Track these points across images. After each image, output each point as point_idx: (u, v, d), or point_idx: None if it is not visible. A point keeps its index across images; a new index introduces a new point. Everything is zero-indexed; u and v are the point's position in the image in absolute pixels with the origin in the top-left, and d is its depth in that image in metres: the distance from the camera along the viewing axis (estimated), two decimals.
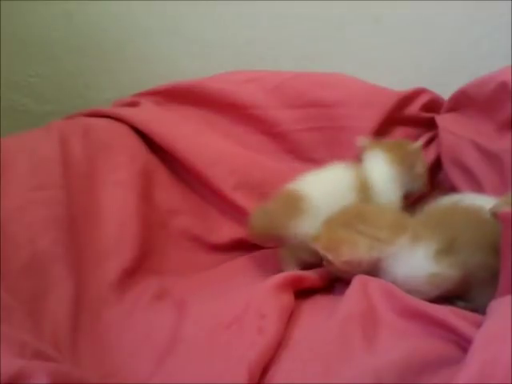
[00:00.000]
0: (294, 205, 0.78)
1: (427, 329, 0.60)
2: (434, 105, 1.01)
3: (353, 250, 0.71)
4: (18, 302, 0.64)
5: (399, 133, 0.99)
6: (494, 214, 0.63)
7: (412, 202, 0.95)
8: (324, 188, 0.81)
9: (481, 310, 0.60)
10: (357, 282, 0.69)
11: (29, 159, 0.81)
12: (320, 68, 1.08)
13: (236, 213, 0.92)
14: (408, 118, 1.00)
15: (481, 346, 0.48)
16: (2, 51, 1.22)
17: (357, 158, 0.90)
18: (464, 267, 0.68)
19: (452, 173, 0.92)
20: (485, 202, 0.71)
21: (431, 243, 0.69)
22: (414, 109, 1.00)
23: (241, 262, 0.87)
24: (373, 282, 0.69)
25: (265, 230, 0.81)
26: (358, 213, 0.75)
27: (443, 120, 0.97)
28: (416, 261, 0.70)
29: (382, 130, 0.98)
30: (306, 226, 0.77)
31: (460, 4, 1.09)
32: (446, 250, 0.69)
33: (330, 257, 0.71)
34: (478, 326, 0.53)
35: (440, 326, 0.59)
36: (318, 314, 0.68)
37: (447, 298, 0.70)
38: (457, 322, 0.58)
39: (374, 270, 0.72)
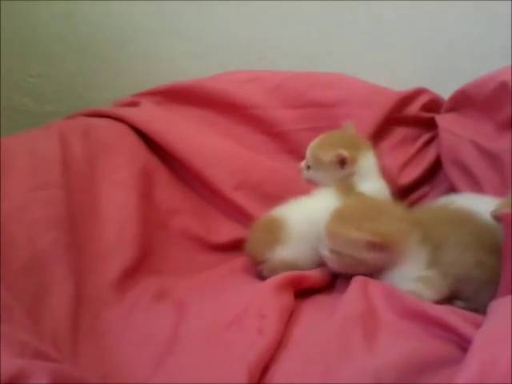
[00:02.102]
0: (274, 233, 0.79)
1: (427, 329, 0.59)
2: (433, 105, 1.01)
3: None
4: (18, 302, 0.64)
5: (399, 133, 1.00)
6: (495, 216, 0.64)
7: (411, 202, 0.95)
8: (306, 216, 0.80)
9: (481, 310, 0.60)
10: (357, 282, 0.69)
11: (29, 159, 0.81)
12: (320, 68, 1.08)
13: (236, 213, 0.92)
14: (408, 118, 1.00)
15: (481, 346, 0.48)
16: (2, 51, 1.22)
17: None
18: (452, 269, 0.68)
19: (452, 173, 0.92)
20: (483, 203, 0.71)
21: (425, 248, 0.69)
22: (414, 109, 1.00)
23: (241, 262, 0.87)
24: (373, 283, 0.69)
25: (250, 255, 0.83)
26: (373, 205, 0.74)
27: (443, 120, 0.97)
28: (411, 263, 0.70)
29: (381, 130, 0.98)
30: (286, 254, 0.78)
31: (460, 4, 1.09)
32: (434, 258, 0.69)
33: None
34: (478, 326, 0.53)
35: (440, 326, 0.59)
36: (317, 313, 0.68)
37: (447, 297, 0.70)
38: (457, 322, 0.58)
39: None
